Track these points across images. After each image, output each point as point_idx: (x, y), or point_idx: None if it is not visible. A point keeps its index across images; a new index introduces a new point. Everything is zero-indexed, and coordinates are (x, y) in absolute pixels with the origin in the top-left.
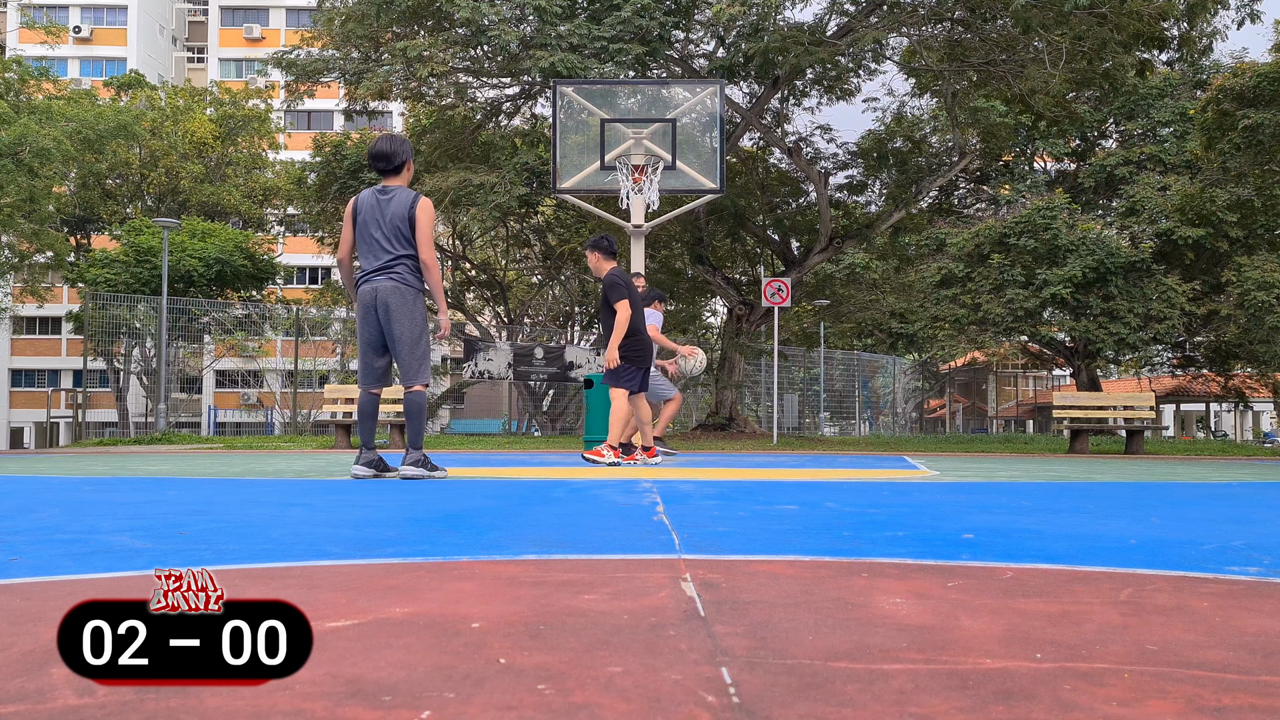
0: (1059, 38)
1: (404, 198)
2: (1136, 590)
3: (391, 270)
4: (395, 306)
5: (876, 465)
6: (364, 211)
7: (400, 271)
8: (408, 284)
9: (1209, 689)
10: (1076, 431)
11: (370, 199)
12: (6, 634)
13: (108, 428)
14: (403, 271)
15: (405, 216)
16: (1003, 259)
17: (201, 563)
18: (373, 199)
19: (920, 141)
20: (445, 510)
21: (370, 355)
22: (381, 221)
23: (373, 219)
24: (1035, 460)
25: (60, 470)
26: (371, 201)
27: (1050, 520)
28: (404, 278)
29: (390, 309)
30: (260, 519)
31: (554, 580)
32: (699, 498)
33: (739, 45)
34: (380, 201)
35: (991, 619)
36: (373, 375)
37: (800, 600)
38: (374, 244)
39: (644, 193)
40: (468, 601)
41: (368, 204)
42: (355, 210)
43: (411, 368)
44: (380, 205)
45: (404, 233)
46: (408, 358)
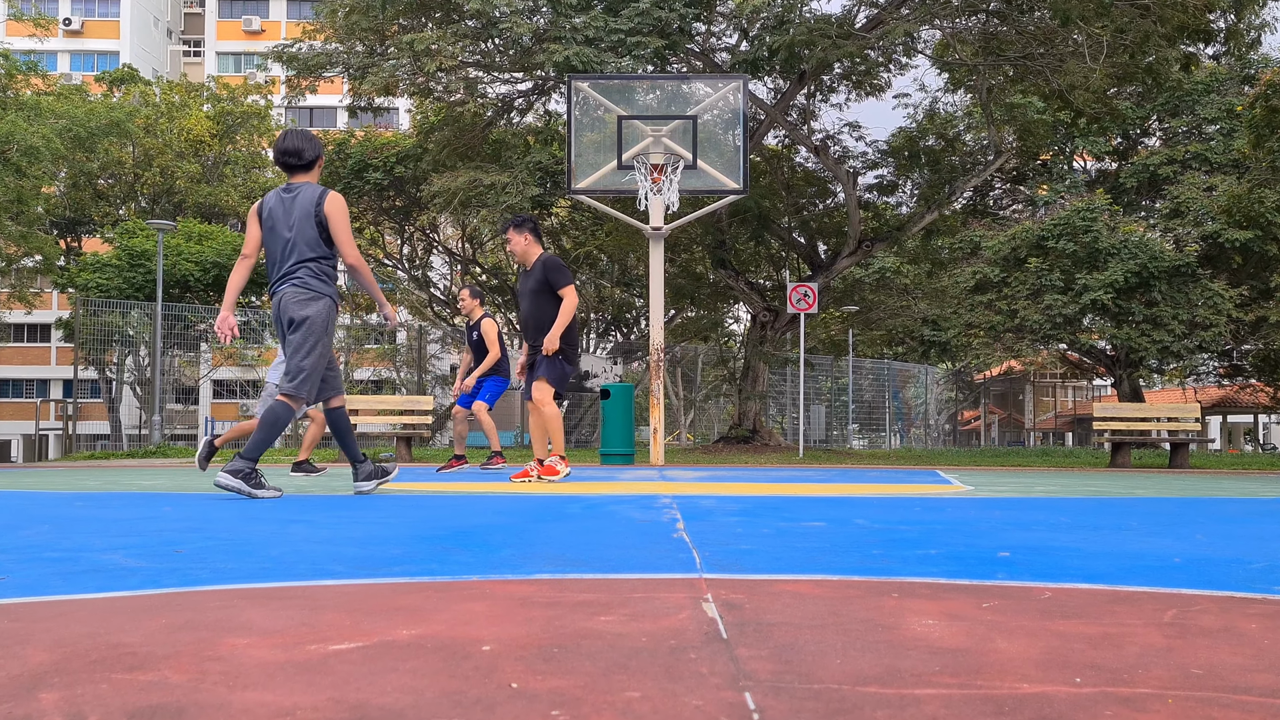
0: (1099, 30)
1: (309, 194)
2: (1181, 611)
3: (292, 276)
4: (292, 311)
5: (908, 480)
6: (268, 215)
7: (301, 276)
8: (308, 287)
9: (1257, 715)
10: (1118, 444)
11: (275, 200)
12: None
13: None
14: (304, 275)
15: (310, 214)
16: (1040, 263)
17: (198, 583)
18: (276, 200)
19: (954, 139)
20: (454, 527)
21: None
22: (287, 223)
23: (278, 221)
24: (1075, 474)
25: (49, 485)
26: (275, 203)
27: (1090, 537)
28: (305, 281)
29: (287, 315)
30: (260, 536)
31: (568, 600)
32: (721, 514)
33: (763, 38)
34: (284, 200)
35: (1028, 641)
36: (321, 388)
37: (827, 621)
38: (278, 249)
39: (663, 193)
40: (478, 623)
41: (271, 207)
42: (260, 212)
43: (292, 376)
44: (284, 205)
45: (310, 233)
46: (292, 362)
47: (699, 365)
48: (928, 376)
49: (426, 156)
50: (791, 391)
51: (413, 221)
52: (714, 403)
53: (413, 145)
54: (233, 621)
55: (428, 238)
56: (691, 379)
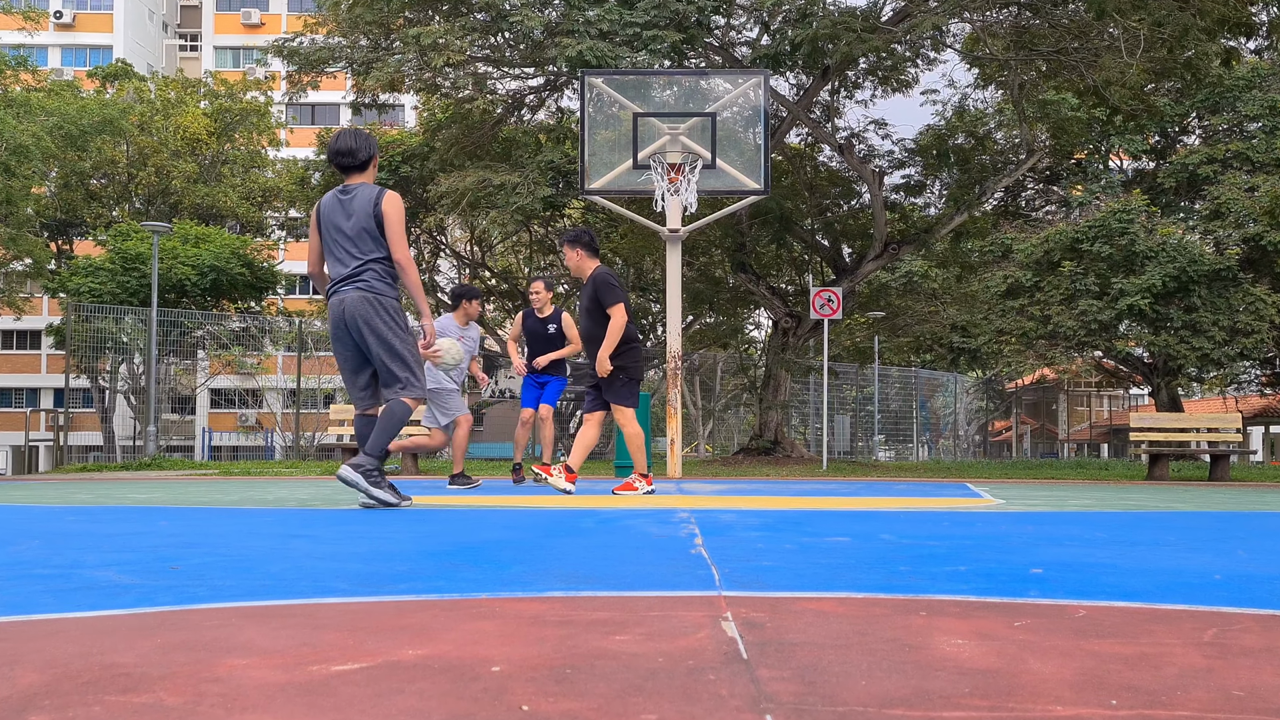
0: (1136, 23)
1: (367, 194)
2: (1221, 630)
3: (358, 278)
4: (366, 317)
5: (936, 493)
6: (327, 216)
7: (367, 278)
8: (376, 291)
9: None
10: (1156, 456)
11: (332, 201)
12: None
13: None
14: (370, 278)
15: (369, 214)
16: (1075, 267)
17: (195, 600)
18: (334, 201)
19: (984, 138)
20: (462, 542)
21: (350, 375)
22: (345, 224)
23: (336, 222)
24: (1110, 488)
25: (40, 499)
26: (333, 203)
27: (1127, 553)
28: (371, 284)
29: (360, 321)
30: (260, 552)
31: (582, 619)
32: (741, 529)
33: (785, 32)
34: (342, 202)
35: (1062, 662)
36: (360, 396)
37: (852, 641)
38: (340, 251)
39: (681, 194)
40: (487, 643)
41: (330, 207)
42: (318, 216)
43: (398, 379)
44: (343, 206)
45: (370, 233)
46: (391, 366)
47: (718, 373)
48: (957, 385)
49: (434, 155)
50: (815, 401)
51: (419, 223)
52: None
53: (419, 144)
54: (231, 641)
55: (435, 240)
56: (710, 388)
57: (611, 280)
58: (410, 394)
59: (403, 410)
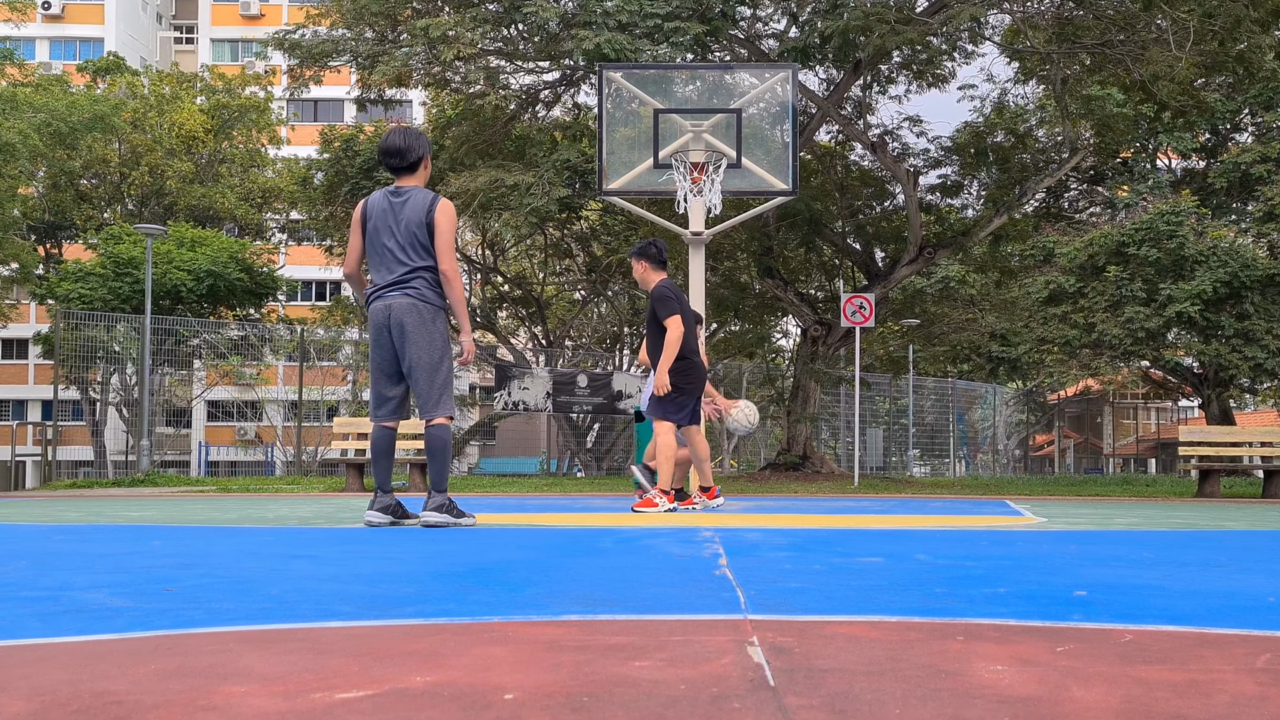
0: (1185, 15)
1: (420, 200)
2: (1276, 656)
3: (407, 285)
4: (412, 327)
5: (974, 511)
6: (375, 217)
7: (417, 286)
8: (426, 300)
9: None
10: (1206, 472)
11: (382, 202)
12: None
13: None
14: (420, 286)
15: (422, 221)
16: (1120, 272)
17: (191, 624)
18: (385, 202)
19: (1025, 135)
20: (473, 563)
21: (384, 384)
22: (395, 228)
23: (385, 225)
24: (1158, 505)
25: (27, 516)
26: (383, 205)
27: (1176, 574)
28: (421, 293)
29: (406, 330)
30: (259, 573)
31: (600, 644)
32: (768, 548)
33: (815, 23)
34: (393, 205)
35: (1107, 689)
36: (387, 407)
37: (885, 667)
38: (386, 254)
39: (704, 195)
40: (500, 669)
41: (379, 208)
42: (364, 215)
43: (432, 398)
44: (393, 209)
45: (421, 240)
46: (427, 386)
47: (744, 384)
48: (996, 397)
49: (443, 154)
50: (845, 413)
51: None
52: (760, 426)
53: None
54: (229, 667)
55: None
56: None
57: (668, 293)
58: (443, 414)
59: (445, 435)
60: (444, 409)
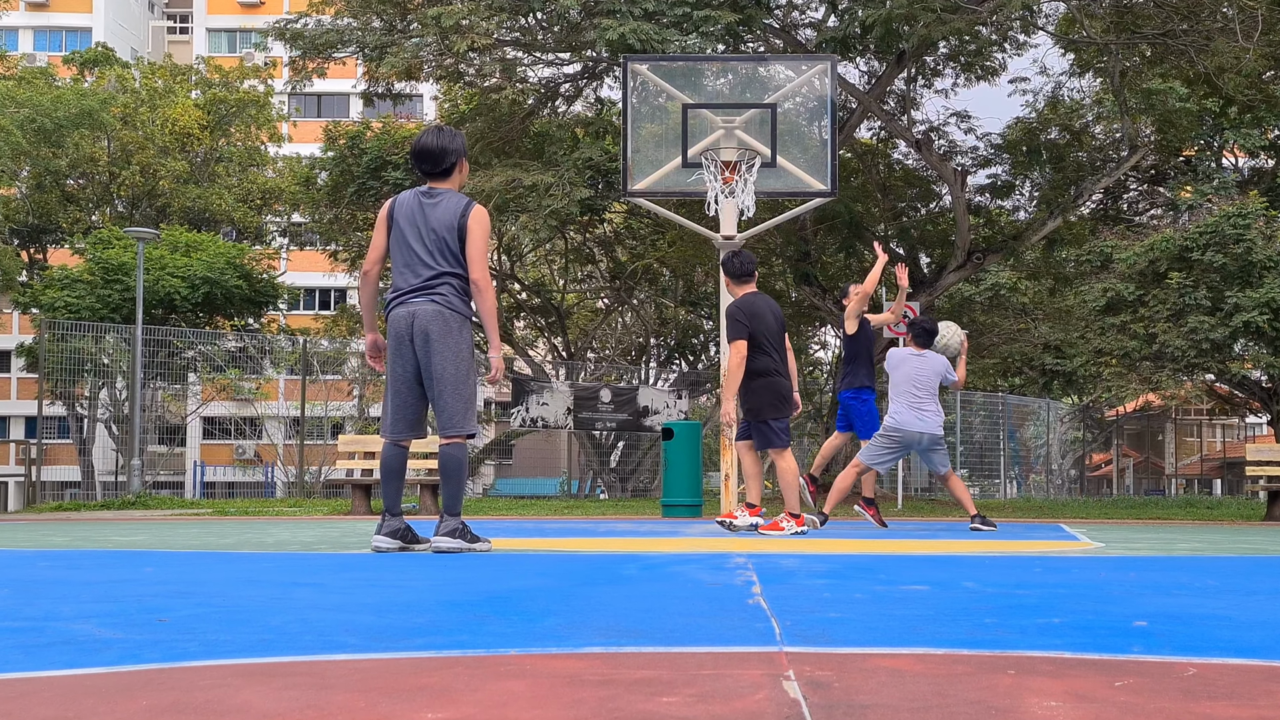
0: (1253, 3)
1: (453, 203)
2: None
3: (434, 291)
4: (437, 336)
5: (1026, 535)
6: (402, 217)
7: (444, 293)
8: (453, 309)
9: None
10: (1276, 493)
11: (411, 202)
12: None
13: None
14: (447, 293)
15: (453, 225)
16: (1183, 278)
17: (185, 657)
18: (415, 202)
19: (1081, 132)
20: (489, 591)
21: (402, 396)
22: (424, 231)
23: (412, 227)
24: (1224, 529)
25: (9, 541)
26: (413, 205)
27: (1243, 604)
28: (449, 301)
29: (431, 338)
30: (259, 602)
31: (624, 679)
32: (805, 575)
33: (855, 12)
34: (424, 206)
35: None
36: (404, 422)
37: (931, 703)
38: (412, 257)
39: (736, 196)
40: (517, 705)
41: (407, 208)
42: (391, 214)
43: (454, 413)
44: (423, 210)
45: (450, 246)
46: (450, 400)
47: None
48: (1050, 413)
49: None
50: None
51: None
52: (796, 443)
53: None
54: (227, 703)
55: None
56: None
57: (737, 314)
58: (463, 432)
59: (461, 455)
60: (465, 427)
